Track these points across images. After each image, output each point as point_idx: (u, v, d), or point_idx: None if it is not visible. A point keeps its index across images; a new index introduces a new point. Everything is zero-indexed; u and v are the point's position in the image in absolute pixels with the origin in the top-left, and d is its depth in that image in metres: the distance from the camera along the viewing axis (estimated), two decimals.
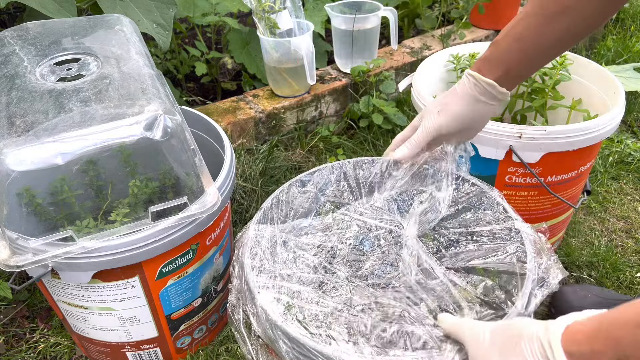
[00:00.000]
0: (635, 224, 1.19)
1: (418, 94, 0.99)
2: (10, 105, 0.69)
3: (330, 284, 0.64)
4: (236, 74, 1.67)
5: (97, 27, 0.83)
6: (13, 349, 0.96)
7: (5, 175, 0.64)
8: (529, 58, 0.67)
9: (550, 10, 0.64)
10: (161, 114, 0.67)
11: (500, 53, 0.69)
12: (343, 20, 1.39)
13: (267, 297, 0.60)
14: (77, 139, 0.65)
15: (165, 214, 0.72)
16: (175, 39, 1.50)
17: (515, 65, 0.68)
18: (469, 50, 1.11)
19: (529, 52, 0.67)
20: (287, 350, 0.54)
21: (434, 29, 1.73)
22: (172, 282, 0.79)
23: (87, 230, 0.71)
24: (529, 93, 1.07)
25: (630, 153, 1.39)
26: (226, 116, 1.28)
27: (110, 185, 0.75)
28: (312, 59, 1.29)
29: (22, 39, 0.80)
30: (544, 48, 0.66)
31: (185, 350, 0.91)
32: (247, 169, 1.23)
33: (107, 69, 0.74)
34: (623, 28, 1.97)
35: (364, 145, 1.41)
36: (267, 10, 1.24)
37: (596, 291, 0.96)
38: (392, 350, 0.55)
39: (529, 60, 0.68)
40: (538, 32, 0.65)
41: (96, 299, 0.76)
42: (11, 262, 0.66)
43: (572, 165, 0.91)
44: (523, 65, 0.68)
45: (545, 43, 0.66)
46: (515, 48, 0.67)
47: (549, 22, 0.64)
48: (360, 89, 1.44)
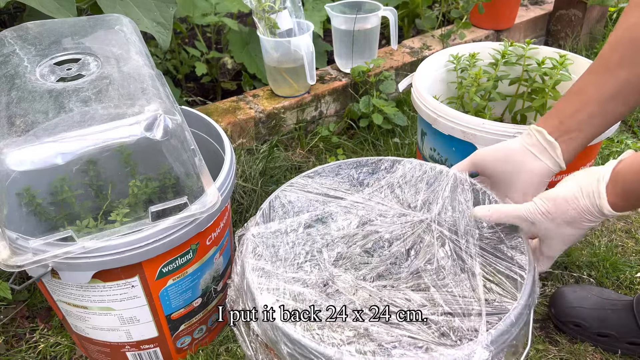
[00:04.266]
0: (635, 224, 1.19)
1: (418, 94, 0.99)
2: (10, 105, 0.69)
3: (334, 285, 0.64)
4: (236, 74, 1.67)
5: (97, 27, 0.83)
6: (13, 349, 0.96)
7: (5, 175, 0.64)
8: (586, 111, 0.67)
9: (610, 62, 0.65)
10: (161, 114, 0.67)
11: (558, 105, 0.70)
12: (343, 20, 1.39)
13: (268, 299, 0.60)
14: (77, 139, 0.65)
15: (165, 214, 0.72)
16: (175, 39, 1.50)
17: (569, 116, 0.68)
18: (469, 50, 1.11)
19: (585, 104, 0.67)
20: (288, 352, 0.54)
21: (434, 29, 1.73)
22: (172, 282, 0.79)
23: (87, 230, 0.71)
24: (529, 93, 1.07)
25: None
26: (226, 116, 1.28)
27: (110, 185, 0.75)
28: (312, 59, 1.29)
29: (22, 39, 0.80)
30: (603, 100, 0.66)
31: (185, 350, 0.91)
32: (247, 169, 1.23)
33: (107, 69, 0.74)
34: None
35: (364, 145, 1.41)
36: (267, 10, 1.24)
37: (596, 291, 0.97)
38: (395, 351, 0.55)
39: (586, 113, 0.67)
40: (597, 82, 0.66)
41: (96, 299, 0.76)
42: (11, 262, 0.66)
43: (572, 165, 0.91)
44: (579, 119, 0.68)
45: (604, 94, 0.66)
46: (572, 99, 0.68)
47: (607, 74, 0.65)
48: (360, 89, 1.44)
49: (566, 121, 0.69)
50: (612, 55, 0.67)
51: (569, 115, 0.69)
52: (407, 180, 0.77)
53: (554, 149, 0.69)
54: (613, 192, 0.58)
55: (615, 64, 0.66)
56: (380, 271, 0.66)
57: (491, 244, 0.68)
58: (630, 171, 0.58)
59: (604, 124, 0.69)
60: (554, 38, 1.89)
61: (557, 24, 1.86)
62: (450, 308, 0.60)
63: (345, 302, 0.62)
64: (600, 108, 0.67)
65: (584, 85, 0.69)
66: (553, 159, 0.70)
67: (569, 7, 1.80)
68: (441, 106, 0.93)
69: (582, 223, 0.61)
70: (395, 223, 0.71)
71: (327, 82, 1.43)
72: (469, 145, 0.91)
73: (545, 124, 0.70)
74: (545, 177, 0.71)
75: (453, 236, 0.68)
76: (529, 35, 1.84)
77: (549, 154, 0.70)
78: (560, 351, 0.93)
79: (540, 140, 0.70)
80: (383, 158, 0.80)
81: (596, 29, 1.86)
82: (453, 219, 0.70)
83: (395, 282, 0.65)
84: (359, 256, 0.69)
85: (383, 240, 0.70)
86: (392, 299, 0.62)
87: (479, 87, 1.05)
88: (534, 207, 0.63)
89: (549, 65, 1.03)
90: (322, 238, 0.70)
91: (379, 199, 0.75)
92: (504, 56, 1.07)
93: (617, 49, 0.66)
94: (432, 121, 0.95)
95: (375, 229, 0.71)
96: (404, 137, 1.42)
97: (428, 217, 0.71)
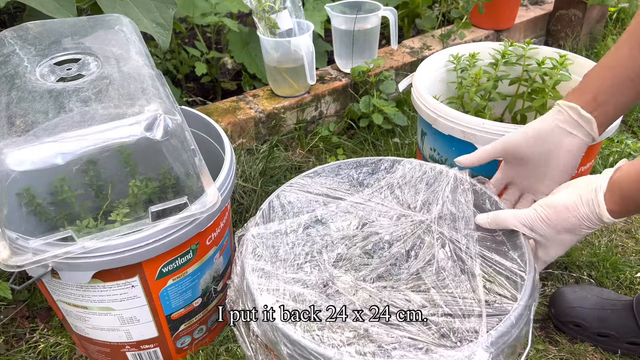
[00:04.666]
0: (635, 224, 1.19)
1: (418, 94, 0.99)
2: (10, 105, 0.69)
3: (334, 286, 0.64)
4: (236, 74, 1.67)
5: (97, 27, 0.83)
6: (13, 349, 0.96)
7: (5, 175, 0.64)
8: (618, 84, 0.67)
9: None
10: (161, 114, 0.67)
11: (589, 80, 0.69)
12: (343, 20, 1.39)
13: (268, 299, 0.60)
14: (77, 139, 0.65)
15: (165, 214, 0.72)
16: (175, 39, 1.50)
17: (603, 90, 0.67)
18: (469, 50, 1.11)
19: (617, 77, 0.66)
20: (288, 352, 0.54)
21: (434, 29, 1.73)
22: (172, 282, 0.79)
23: (87, 230, 0.71)
24: (529, 93, 1.07)
25: (631, 153, 1.39)
26: (226, 116, 1.28)
27: (110, 185, 0.75)
28: (312, 59, 1.29)
29: (22, 39, 0.80)
30: (636, 73, 0.66)
31: (185, 350, 0.91)
32: (247, 169, 1.23)
33: (107, 69, 0.74)
34: (623, 28, 1.97)
35: (364, 145, 1.41)
36: (267, 10, 1.24)
37: (596, 291, 0.97)
38: (395, 352, 0.55)
39: (618, 86, 0.67)
40: (630, 55, 0.66)
41: (96, 299, 0.76)
42: (11, 262, 0.66)
43: None
44: (612, 92, 0.67)
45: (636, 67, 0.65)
46: (604, 73, 0.67)
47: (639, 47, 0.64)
48: (360, 89, 1.44)
49: (600, 96, 0.68)
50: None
51: (604, 90, 0.68)
52: (407, 180, 0.77)
53: (590, 123, 0.68)
54: (611, 200, 0.59)
55: None
56: (380, 272, 0.66)
57: (491, 245, 0.68)
58: (627, 180, 0.59)
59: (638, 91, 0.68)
60: (554, 38, 1.89)
61: (557, 24, 1.86)
62: (450, 309, 0.60)
63: (345, 303, 0.62)
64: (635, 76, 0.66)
65: (617, 59, 0.68)
66: (589, 135, 0.69)
67: (569, 7, 1.80)
68: (441, 106, 0.93)
69: (581, 230, 0.62)
70: (395, 224, 0.71)
71: (327, 82, 1.43)
72: (469, 145, 0.90)
73: (578, 99, 0.69)
74: (581, 152, 0.71)
75: (453, 237, 0.68)
76: (529, 35, 1.84)
77: (584, 129, 0.69)
78: (560, 351, 0.93)
79: (573, 117, 0.69)
80: (383, 158, 0.80)
81: (596, 29, 1.86)
82: (453, 219, 0.70)
83: (395, 283, 0.65)
84: (359, 257, 0.69)
85: (383, 242, 0.70)
86: (392, 300, 0.62)
87: (479, 87, 1.05)
88: (534, 213, 0.64)
89: (549, 65, 1.03)
90: (322, 239, 0.70)
91: (379, 200, 0.75)
92: (504, 56, 1.07)
93: None
94: (432, 121, 0.95)
95: (375, 230, 0.71)
96: (404, 137, 1.42)
97: (428, 218, 0.71)
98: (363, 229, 0.71)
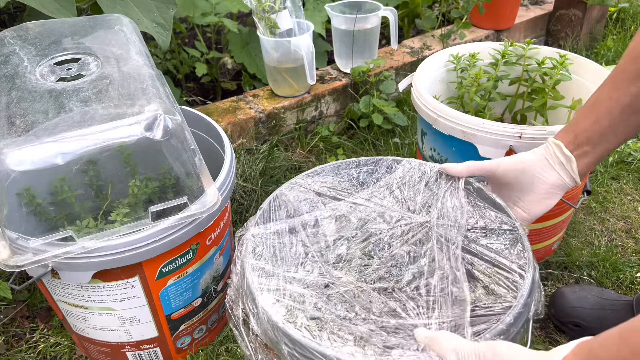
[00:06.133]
0: (635, 224, 1.19)
1: (418, 94, 0.99)
2: (10, 105, 0.69)
3: (334, 287, 0.64)
4: (236, 74, 1.67)
5: (97, 27, 0.83)
6: (13, 349, 0.96)
7: (5, 175, 0.64)
8: (600, 123, 0.66)
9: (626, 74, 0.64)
10: (161, 114, 0.67)
11: (574, 119, 0.70)
12: (343, 20, 1.39)
13: (268, 299, 0.60)
14: (77, 139, 0.65)
15: (165, 214, 0.72)
16: (175, 39, 1.50)
17: (584, 129, 0.67)
18: (469, 50, 1.11)
19: (600, 116, 0.66)
20: (289, 352, 0.54)
21: (434, 29, 1.73)
22: (172, 282, 0.79)
23: (87, 230, 0.71)
24: (529, 93, 1.07)
25: (630, 153, 1.39)
26: (226, 116, 1.28)
27: (110, 185, 0.75)
28: (312, 58, 1.29)
29: (22, 39, 0.80)
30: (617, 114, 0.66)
31: (185, 350, 0.91)
32: (247, 169, 1.23)
33: (107, 69, 0.74)
34: (623, 28, 1.97)
35: (364, 145, 1.41)
36: (267, 10, 1.24)
37: (596, 291, 0.97)
38: (394, 351, 0.55)
39: (600, 125, 0.67)
40: (611, 95, 0.66)
41: (96, 299, 0.76)
42: (11, 262, 0.66)
43: None
44: (594, 131, 0.67)
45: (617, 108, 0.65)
46: (586, 112, 0.68)
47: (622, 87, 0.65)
48: (360, 89, 1.44)
49: (580, 135, 0.68)
50: (628, 67, 0.66)
51: (584, 129, 0.68)
52: (406, 180, 0.77)
53: (570, 162, 0.69)
54: None
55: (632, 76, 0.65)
56: (381, 274, 0.66)
57: (491, 245, 0.68)
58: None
59: (619, 138, 0.68)
60: (554, 38, 1.89)
61: (557, 24, 1.86)
62: (450, 309, 0.60)
63: (346, 304, 0.62)
64: (613, 122, 0.66)
65: (599, 99, 0.68)
66: (569, 174, 0.69)
67: (569, 7, 1.80)
68: (441, 106, 0.93)
69: None
70: (395, 225, 0.71)
71: (327, 82, 1.43)
72: (469, 145, 0.91)
73: (562, 137, 0.70)
74: (559, 189, 0.70)
75: (452, 237, 0.68)
76: (529, 35, 1.84)
77: (565, 167, 0.69)
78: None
79: (557, 154, 0.69)
80: (383, 158, 0.80)
81: (596, 29, 1.86)
82: (452, 220, 0.70)
83: (395, 284, 0.65)
84: (359, 259, 0.69)
85: (383, 243, 0.70)
86: (392, 301, 0.62)
87: (479, 87, 1.05)
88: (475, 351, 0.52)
89: (549, 65, 1.03)
90: (322, 239, 0.70)
91: (379, 200, 0.75)
92: (504, 56, 1.07)
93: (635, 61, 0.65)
94: (432, 121, 0.95)
95: (375, 231, 0.71)
96: (404, 137, 1.42)
97: (427, 219, 0.71)
98: (363, 230, 0.71)
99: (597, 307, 0.93)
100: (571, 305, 0.95)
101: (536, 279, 0.62)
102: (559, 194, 0.71)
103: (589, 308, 0.93)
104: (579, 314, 0.93)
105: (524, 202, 0.72)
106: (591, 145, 0.68)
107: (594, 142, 0.68)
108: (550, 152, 0.70)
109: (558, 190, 0.71)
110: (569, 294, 0.96)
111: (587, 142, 0.68)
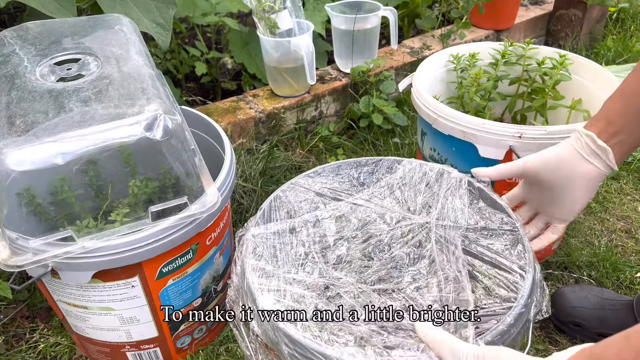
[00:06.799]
0: (635, 224, 1.19)
1: (418, 94, 0.99)
2: (10, 105, 0.69)
3: (334, 287, 0.64)
4: (236, 74, 1.67)
5: (97, 27, 0.83)
6: (13, 349, 0.96)
7: (5, 175, 0.64)
8: (632, 111, 0.65)
9: None
10: (161, 114, 0.67)
11: (604, 107, 0.68)
12: (343, 20, 1.39)
13: (268, 300, 0.60)
14: (77, 139, 0.65)
15: (165, 214, 0.72)
16: (175, 39, 1.50)
17: (616, 117, 0.65)
18: (469, 50, 1.11)
19: (631, 104, 0.65)
20: (289, 352, 0.54)
21: (434, 29, 1.73)
22: (172, 282, 0.79)
23: (87, 230, 0.71)
24: (529, 93, 1.07)
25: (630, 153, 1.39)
26: (226, 116, 1.28)
27: (110, 185, 0.75)
28: (312, 58, 1.29)
29: (22, 39, 0.80)
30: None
31: (185, 350, 0.91)
32: (247, 169, 1.23)
33: (107, 69, 0.74)
34: (623, 28, 1.97)
35: (364, 145, 1.41)
36: (267, 10, 1.24)
37: (596, 291, 0.97)
38: (394, 352, 0.55)
39: (632, 113, 0.65)
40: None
41: (96, 299, 0.76)
42: (11, 262, 0.66)
43: None
44: (626, 120, 0.65)
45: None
46: (617, 100, 0.66)
47: None
48: (360, 89, 1.44)
49: (612, 124, 0.66)
50: None
51: (616, 118, 0.66)
52: (407, 181, 0.77)
53: (606, 153, 0.66)
54: None
55: None
56: (381, 275, 0.66)
57: (491, 246, 0.68)
58: None
59: None
60: (554, 38, 1.89)
61: (557, 24, 1.86)
62: (450, 309, 0.60)
63: (346, 304, 0.62)
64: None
65: (629, 82, 0.66)
66: (605, 163, 0.67)
67: (569, 7, 1.80)
68: (441, 106, 0.93)
69: None
70: (395, 226, 0.71)
71: (327, 82, 1.43)
72: (469, 145, 0.91)
73: (594, 126, 0.68)
74: (597, 181, 0.68)
75: (452, 238, 0.68)
76: (529, 35, 1.84)
77: (601, 158, 0.67)
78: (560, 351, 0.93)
79: (590, 145, 0.67)
80: (383, 158, 0.80)
81: (596, 29, 1.86)
82: (453, 220, 0.70)
83: (395, 285, 0.65)
84: (360, 260, 0.69)
85: (383, 244, 0.70)
86: (392, 301, 0.62)
87: (479, 87, 1.05)
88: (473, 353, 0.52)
89: (549, 65, 1.03)
90: (322, 239, 0.70)
91: (379, 201, 0.75)
92: (504, 56, 1.07)
93: None
94: (432, 121, 0.95)
95: (376, 232, 0.71)
96: (404, 137, 1.42)
97: (428, 219, 0.71)
98: (363, 230, 0.71)
99: (597, 307, 0.93)
100: (571, 305, 0.95)
101: (537, 279, 0.62)
102: (597, 185, 0.69)
103: (589, 308, 0.93)
104: (579, 313, 0.93)
105: (564, 199, 0.70)
106: (626, 132, 0.66)
107: (629, 128, 0.66)
108: (582, 144, 0.68)
109: (597, 182, 0.69)
110: (569, 294, 0.96)
111: (622, 130, 0.66)
